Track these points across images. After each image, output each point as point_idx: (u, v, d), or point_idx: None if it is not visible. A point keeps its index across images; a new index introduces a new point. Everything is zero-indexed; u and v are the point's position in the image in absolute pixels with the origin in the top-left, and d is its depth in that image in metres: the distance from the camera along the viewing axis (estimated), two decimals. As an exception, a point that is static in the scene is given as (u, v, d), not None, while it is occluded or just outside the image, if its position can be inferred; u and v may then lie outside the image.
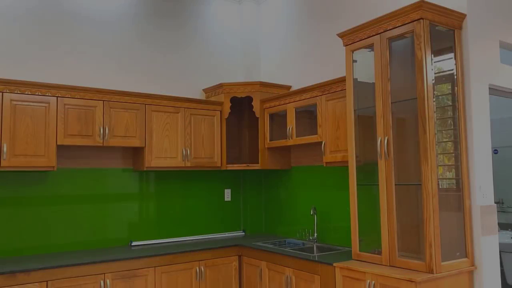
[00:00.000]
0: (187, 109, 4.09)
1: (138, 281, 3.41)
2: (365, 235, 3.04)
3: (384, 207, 2.80)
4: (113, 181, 3.97)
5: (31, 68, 3.65)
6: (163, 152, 3.92)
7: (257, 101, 4.24)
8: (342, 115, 3.36)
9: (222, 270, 3.84)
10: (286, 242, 4.07)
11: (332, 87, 3.46)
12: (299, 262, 3.30)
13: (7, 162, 3.20)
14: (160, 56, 4.35)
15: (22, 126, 3.29)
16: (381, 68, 2.86)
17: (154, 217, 4.18)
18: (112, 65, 4.06)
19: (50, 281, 3.06)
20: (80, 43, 3.91)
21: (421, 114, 2.63)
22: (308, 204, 4.10)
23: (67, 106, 3.47)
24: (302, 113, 3.91)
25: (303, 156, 4.22)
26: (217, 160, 4.24)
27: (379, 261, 2.83)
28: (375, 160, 2.92)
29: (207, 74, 4.63)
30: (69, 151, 3.74)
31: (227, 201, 4.65)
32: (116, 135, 3.68)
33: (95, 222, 3.85)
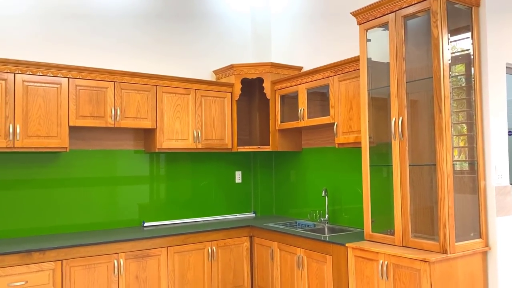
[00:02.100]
0: (197, 91, 4.08)
1: (151, 260, 3.44)
2: (377, 216, 3.03)
3: (397, 188, 2.79)
4: (125, 163, 3.99)
5: (43, 50, 3.64)
6: (174, 134, 3.92)
7: (268, 82, 4.21)
8: (355, 95, 3.33)
9: (233, 251, 3.87)
10: (297, 224, 4.08)
11: (345, 67, 3.41)
12: (310, 242, 3.31)
13: (20, 142, 3.22)
14: (171, 37, 4.32)
15: (35, 107, 3.29)
16: (396, 47, 2.81)
17: (165, 198, 4.20)
18: (123, 46, 4.04)
19: (65, 260, 3.10)
20: (91, 24, 3.88)
21: (436, 93, 2.59)
22: (319, 186, 4.09)
23: (78, 87, 3.47)
24: (313, 94, 3.88)
25: (314, 138, 4.20)
26: (228, 142, 4.23)
27: (391, 241, 2.83)
28: (388, 141, 2.90)
29: (218, 55, 4.59)
30: (81, 132, 3.75)
31: (238, 183, 4.66)
32: (128, 116, 3.68)
33: (107, 202, 3.89)
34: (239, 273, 3.88)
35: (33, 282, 2.98)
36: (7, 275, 2.89)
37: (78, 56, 3.78)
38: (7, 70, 3.20)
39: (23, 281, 2.94)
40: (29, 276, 2.97)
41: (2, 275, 2.88)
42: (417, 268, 2.50)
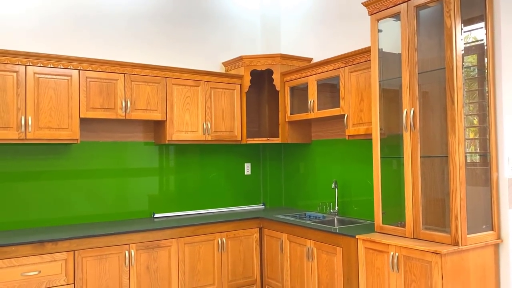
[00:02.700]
0: (207, 83, 4.07)
1: (162, 251, 3.47)
2: (388, 208, 3.02)
3: (408, 180, 2.77)
4: (135, 154, 4.01)
5: (53, 42, 3.65)
6: (184, 126, 3.93)
7: (278, 74, 4.19)
8: (366, 87, 3.30)
9: (243, 242, 3.88)
10: (306, 215, 4.08)
11: (356, 58, 3.39)
12: (320, 234, 3.31)
13: (32, 134, 3.25)
14: (180, 29, 4.31)
15: (46, 99, 3.32)
16: (408, 38, 2.78)
17: (175, 190, 4.22)
18: (133, 38, 4.04)
19: (77, 251, 3.13)
20: (101, 17, 3.89)
21: (449, 84, 2.56)
22: (329, 178, 4.08)
23: (89, 79, 3.48)
24: (323, 85, 3.86)
25: (324, 129, 4.19)
26: (237, 134, 4.23)
27: (402, 233, 2.82)
28: (399, 133, 2.88)
29: (227, 47, 4.58)
30: (92, 124, 3.77)
31: (247, 174, 4.66)
32: (138, 108, 3.69)
33: (118, 194, 3.91)
34: (248, 265, 3.90)
35: (46, 272, 3.02)
36: (20, 265, 2.94)
37: (88, 48, 3.78)
38: (19, 62, 3.21)
39: (36, 271, 2.98)
40: (42, 266, 3.01)
41: (16, 265, 2.92)
42: (428, 260, 2.49)
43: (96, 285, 3.19)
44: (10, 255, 2.90)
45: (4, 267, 2.88)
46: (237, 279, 3.84)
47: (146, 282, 3.39)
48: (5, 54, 3.17)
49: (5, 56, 3.17)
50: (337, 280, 3.16)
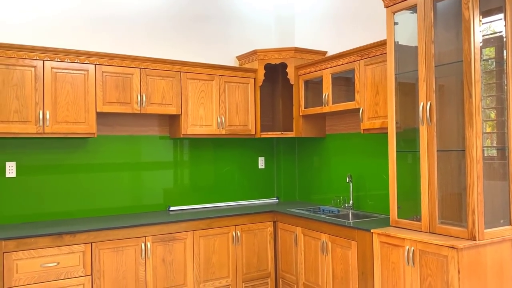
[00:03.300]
0: (221, 77, 4.08)
1: (177, 244, 3.51)
2: (403, 202, 3.00)
3: (424, 174, 2.75)
4: (150, 148, 4.05)
5: (70, 37, 3.69)
6: (198, 120, 3.95)
7: (292, 67, 4.18)
8: (382, 80, 3.28)
9: (257, 235, 3.90)
10: (320, 209, 4.08)
11: (372, 51, 3.36)
12: (335, 228, 3.31)
13: (50, 128, 3.30)
14: (194, 23, 4.32)
15: (63, 93, 3.36)
16: (425, 30, 2.75)
17: (190, 183, 4.26)
18: (148, 33, 4.06)
19: (94, 243, 3.18)
20: (117, 11, 3.91)
21: (467, 77, 2.53)
22: (344, 172, 4.07)
23: (105, 74, 3.52)
24: (338, 79, 3.84)
25: (338, 123, 4.17)
26: (251, 128, 4.24)
27: (418, 227, 2.81)
28: (415, 127, 2.86)
29: (241, 41, 4.58)
30: (107, 118, 3.81)
31: (261, 168, 4.67)
32: (153, 102, 3.72)
33: (133, 187, 3.96)
34: (263, 258, 3.92)
35: (65, 263, 3.07)
36: (40, 256, 3.00)
37: (104, 43, 3.82)
38: (36, 57, 3.26)
39: (55, 262, 3.04)
40: (60, 257, 3.06)
41: (36, 256, 2.98)
42: (445, 255, 2.48)
43: (113, 277, 3.25)
44: (30, 247, 2.97)
45: (24, 258, 2.95)
46: (252, 272, 3.86)
47: (161, 274, 3.43)
48: (23, 49, 3.22)
49: (23, 51, 3.22)
50: (351, 274, 3.16)
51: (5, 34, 3.44)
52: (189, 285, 3.55)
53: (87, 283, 3.14)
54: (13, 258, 2.92)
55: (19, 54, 3.20)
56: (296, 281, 3.74)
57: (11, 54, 3.18)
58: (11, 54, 3.18)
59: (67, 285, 3.08)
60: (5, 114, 3.16)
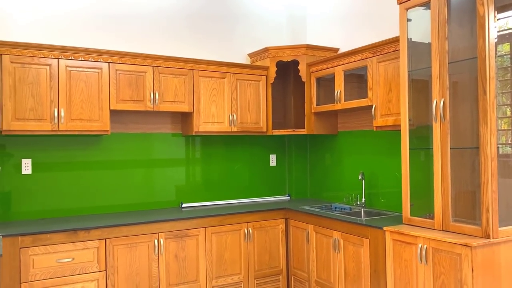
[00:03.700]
0: (233, 74, 4.10)
1: (190, 240, 3.53)
2: (416, 200, 2.99)
3: (438, 171, 2.73)
4: (163, 146, 4.08)
5: (84, 36, 3.74)
6: (210, 117, 3.97)
7: (304, 64, 4.17)
8: (395, 77, 3.26)
9: (269, 232, 3.92)
10: (332, 207, 4.08)
11: (384, 48, 3.34)
12: (347, 225, 3.30)
13: (65, 126, 3.35)
14: (206, 21, 4.33)
15: (77, 91, 3.40)
16: (438, 27, 2.73)
17: (202, 180, 4.28)
18: (160, 31, 4.09)
19: (108, 239, 3.23)
20: (129, 10, 3.95)
21: (481, 74, 2.50)
22: (356, 169, 4.06)
23: (118, 72, 3.55)
24: (350, 76, 3.82)
25: (351, 120, 4.16)
26: (262, 125, 4.25)
27: (431, 225, 2.79)
28: (428, 124, 2.84)
29: (252, 38, 4.58)
30: (121, 115, 3.85)
31: (273, 166, 4.68)
32: (166, 100, 3.75)
33: (146, 184, 4.00)
34: (275, 255, 3.94)
35: (79, 259, 3.12)
36: (55, 252, 3.05)
37: (118, 42, 3.85)
38: (51, 56, 3.31)
39: (70, 258, 3.09)
40: (75, 253, 3.11)
41: (51, 252, 3.03)
42: (458, 253, 2.46)
43: (127, 273, 3.29)
44: (45, 242, 3.02)
45: (40, 254, 3.00)
46: (264, 269, 3.88)
47: (174, 270, 3.47)
48: (39, 48, 3.26)
49: (39, 50, 3.26)
50: (364, 272, 3.15)
51: (20, 33, 3.49)
52: (202, 281, 3.58)
53: (101, 279, 3.19)
54: (29, 254, 2.97)
55: (35, 53, 3.25)
56: (308, 278, 3.75)
57: (26, 53, 3.23)
58: (27, 53, 3.23)
59: (81, 281, 3.12)
60: (21, 112, 3.21)
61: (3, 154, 3.45)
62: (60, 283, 3.05)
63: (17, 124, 3.20)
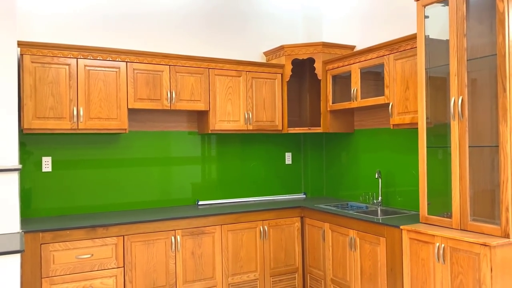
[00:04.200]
0: (248, 73, 4.11)
1: (206, 238, 3.56)
2: (434, 199, 2.96)
3: (456, 170, 2.70)
4: (179, 144, 4.12)
5: (102, 35, 3.79)
6: (226, 116, 3.99)
7: (320, 62, 4.16)
8: (412, 75, 3.23)
9: (285, 230, 3.92)
10: (348, 205, 4.06)
11: (401, 45, 3.31)
12: (363, 224, 3.29)
13: (84, 124, 3.41)
14: (222, 20, 4.35)
15: (96, 90, 3.46)
16: (457, 23, 2.69)
17: (218, 178, 4.31)
18: (176, 31, 4.13)
19: (126, 236, 3.27)
20: (147, 11, 3.99)
21: (501, 71, 2.46)
22: (372, 168, 4.04)
23: (136, 71, 3.60)
24: (367, 74, 3.80)
25: (367, 118, 4.13)
26: (278, 124, 4.25)
27: (448, 224, 2.76)
28: (446, 122, 2.81)
29: (268, 36, 4.58)
30: (138, 114, 3.90)
31: (288, 164, 4.68)
32: (182, 99, 3.78)
33: (163, 182, 4.05)
34: (290, 253, 3.94)
35: (98, 255, 3.18)
36: (75, 248, 3.11)
37: (135, 41, 3.90)
38: (70, 56, 3.37)
39: (89, 254, 3.15)
40: (94, 249, 3.17)
41: (71, 248, 3.09)
42: (477, 252, 2.43)
43: (144, 269, 3.33)
44: (65, 239, 3.08)
45: (60, 250, 3.06)
46: (279, 267, 3.89)
47: (191, 267, 3.50)
48: (58, 47, 3.32)
49: (58, 49, 3.32)
50: (380, 270, 3.14)
51: (39, 33, 3.56)
52: (218, 278, 3.61)
53: (119, 275, 3.24)
54: (50, 250, 3.03)
55: (54, 53, 3.31)
56: (323, 276, 3.74)
57: (46, 52, 3.29)
58: (47, 53, 3.29)
59: (100, 277, 3.18)
60: (42, 111, 3.28)
61: (24, 152, 3.53)
62: (80, 279, 3.11)
63: (37, 123, 3.27)
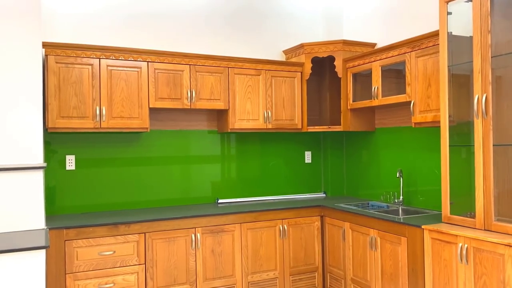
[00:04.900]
0: (268, 71, 4.11)
1: (226, 236, 3.58)
2: (456, 198, 2.91)
3: (479, 169, 2.65)
4: (199, 142, 4.16)
5: (124, 36, 3.85)
6: (245, 115, 4.00)
7: (340, 60, 4.13)
8: (434, 72, 3.18)
9: (304, 229, 3.91)
10: (369, 205, 4.02)
11: (423, 42, 3.26)
12: (384, 223, 3.26)
13: (106, 123, 3.47)
14: (241, 19, 4.36)
15: (118, 90, 3.51)
16: (481, 19, 2.64)
17: (237, 176, 4.33)
18: (196, 30, 4.15)
19: (147, 233, 3.32)
20: (167, 11, 4.03)
21: (527, 68, 2.41)
22: (394, 167, 3.99)
23: (157, 71, 3.64)
24: (388, 71, 3.75)
25: (388, 117, 4.08)
26: (297, 122, 4.24)
27: (472, 224, 2.71)
28: (470, 120, 2.76)
29: (287, 35, 4.57)
30: (159, 113, 3.95)
31: (308, 163, 4.67)
32: (202, 98, 3.81)
33: (183, 180, 4.09)
34: (310, 252, 3.93)
35: (120, 252, 3.23)
36: (97, 244, 3.17)
37: (155, 40, 3.94)
38: (93, 56, 3.43)
39: (112, 251, 3.20)
40: (116, 246, 3.22)
41: (94, 245, 3.15)
42: (501, 253, 2.38)
43: (165, 266, 3.37)
44: (88, 236, 3.14)
45: (84, 246, 3.13)
46: (299, 266, 3.88)
47: (211, 265, 3.53)
48: (82, 48, 3.39)
49: (82, 50, 3.39)
50: (401, 271, 3.10)
51: (63, 34, 3.63)
52: (238, 276, 3.63)
53: (140, 272, 3.29)
54: (73, 246, 3.10)
55: (77, 53, 3.38)
56: (344, 276, 3.72)
57: (70, 53, 3.36)
58: (70, 53, 3.36)
59: (122, 273, 3.23)
60: (65, 110, 3.35)
61: (49, 150, 3.61)
62: (102, 275, 3.17)
63: (61, 122, 3.34)
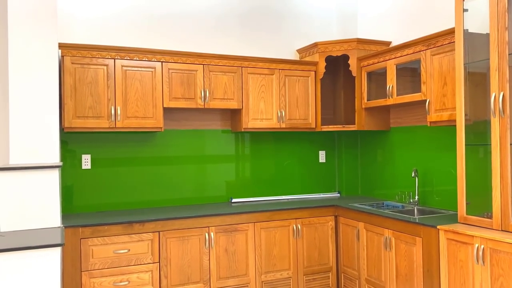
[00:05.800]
0: (281, 71, 4.10)
1: (239, 235, 3.59)
2: (473, 198, 2.86)
3: (496, 168, 2.60)
4: (213, 142, 4.17)
5: (138, 36, 3.88)
6: (259, 114, 4.00)
7: (354, 59, 4.10)
8: (450, 70, 3.13)
9: (318, 229, 3.90)
10: (384, 205, 3.98)
11: (439, 40, 3.21)
12: (399, 224, 3.22)
13: (121, 123, 3.50)
14: (255, 18, 4.37)
15: (132, 90, 3.55)
16: (498, 16, 2.59)
17: (251, 176, 4.33)
18: (209, 30, 4.17)
19: (161, 232, 3.35)
20: (180, 10, 4.06)
21: (545, 65, 2.35)
22: (409, 167, 3.94)
23: (171, 71, 3.67)
24: (403, 70, 3.71)
25: (403, 116, 4.04)
26: (311, 122, 4.22)
27: (488, 225, 2.66)
28: (486, 119, 2.71)
29: (301, 34, 4.56)
30: (173, 113, 3.97)
31: (322, 162, 4.65)
32: (216, 97, 3.82)
33: (197, 179, 4.11)
34: (324, 252, 3.91)
35: (135, 250, 3.26)
36: (112, 243, 3.20)
37: (169, 40, 3.97)
38: (108, 56, 3.47)
39: (126, 249, 3.24)
40: (131, 245, 3.25)
41: (109, 243, 3.19)
42: (519, 254, 2.34)
43: (179, 265, 3.39)
44: (103, 234, 3.18)
45: (99, 245, 3.17)
46: (313, 266, 3.87)
47: (224, 264, 3.54)
48: (97, 49, 3.43)
49: (97, 51, 3.43)
50: (416, 271, 3.07)
51: (78, 35, 3.69)
52: (251, 275, 3.63)
53: (155, 270, 3.32)
54: (89, 244, 3.14)
55: (93, 54, 3.42)
56: (358, 276, 3.70)
57: (85, 54, 3.41)
58: (86, 54, 3.41)
59: (137, 271, 3.26)
60: (81, 110, 3.40)
61: (65, 150, 3.67)
62: (117, 273, 3.21)
63: (77, 122, 3.39)
